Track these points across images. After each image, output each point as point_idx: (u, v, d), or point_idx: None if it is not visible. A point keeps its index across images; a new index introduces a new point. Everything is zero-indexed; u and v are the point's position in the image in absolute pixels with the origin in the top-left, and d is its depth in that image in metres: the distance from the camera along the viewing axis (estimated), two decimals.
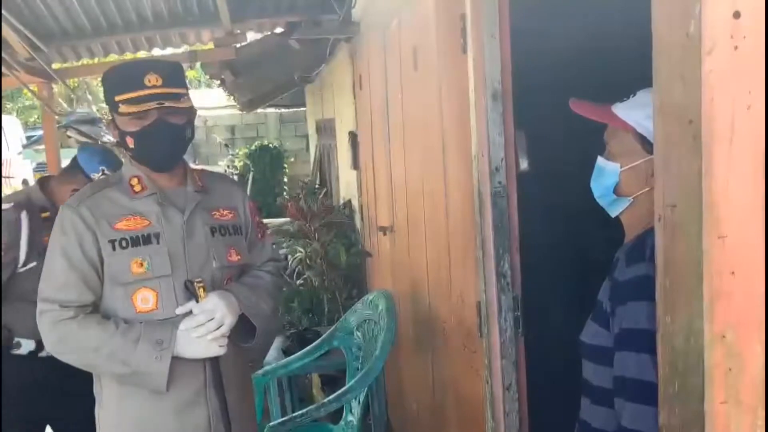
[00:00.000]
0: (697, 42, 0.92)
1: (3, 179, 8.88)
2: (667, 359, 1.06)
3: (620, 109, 1.36)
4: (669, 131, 1.01)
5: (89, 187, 1.89)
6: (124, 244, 1.74)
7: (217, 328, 1.75)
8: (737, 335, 0.95)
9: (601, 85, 1.98)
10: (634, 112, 1.33)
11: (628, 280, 1.27)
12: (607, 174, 1.37)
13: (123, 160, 2.41)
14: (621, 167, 1.35)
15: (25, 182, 10.91)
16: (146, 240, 1.76)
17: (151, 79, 1.71)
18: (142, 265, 1.74)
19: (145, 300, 1.75)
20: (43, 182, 2.56)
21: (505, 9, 1.89)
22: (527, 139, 1.97)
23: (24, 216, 2.38)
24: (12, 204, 2.42)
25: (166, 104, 1.72)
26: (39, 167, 12.90)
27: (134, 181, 1.82)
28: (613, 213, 1.40)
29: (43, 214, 2.43)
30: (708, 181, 0.93)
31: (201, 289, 1.76)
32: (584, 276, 1.52)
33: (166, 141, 1.77)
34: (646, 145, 1.31)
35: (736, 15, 0.90)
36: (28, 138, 13.86)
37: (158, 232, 1.78)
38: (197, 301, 1.76)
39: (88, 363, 1.77)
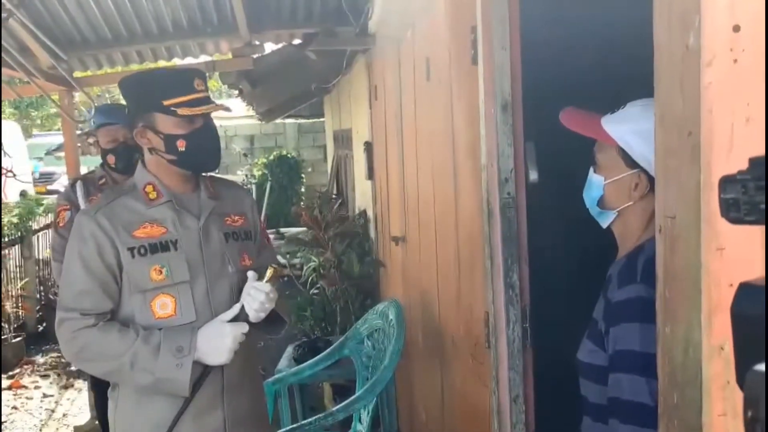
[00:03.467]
0: (697, 54, 0.92)
1: (4, 179, 8.71)
2: (666, 371, 1.06)
3: (608, 123, 1.37)
4: (669, 142, 1.02)
5: (104, 196, 1.92)
6: (143, 251, 1.76)
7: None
8: None
9: (612, 95, 1.98)
10: (620, 126, 1.34)
11: (621, 301, 1.27)
12: (594, 186, 1.39)
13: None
14: (605, 180, 1.37)
15: (23, 194, 10.06)
16: (164, 247, 1.78)
17: (199, 83, 1.79)
18: (161, 272, 1.76)
19: (163, 306, 1.77)
20: (102, 158, 3.23)
21: (515, 20, 1.90)
22: (537, 151, 1.97)
23: (79, 183, 3.17)
24: (73, 178, 3.30)
25: (220, 105, 1.84)
26: (42, 178, 12.83)
27: (149, 188, 1.84)
28: (603, 224, 1.42)
29: (101, 182, 3.18)
30: (707, 193, 0.93)
31: (272, 271, 1.81)
32: (594, 288, 1.52)
33: (216, 141, 1.87)
34: (628, 159, 1.33)
35: (736, 28, 0.90)
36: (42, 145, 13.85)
37: (175, 238, 1.80)
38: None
39: (110, 371, 1.79)
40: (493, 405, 2.05)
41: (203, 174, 1.97)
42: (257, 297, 1.78)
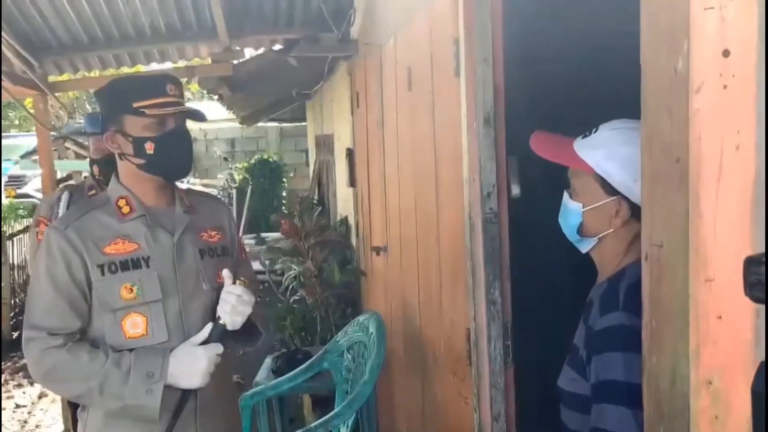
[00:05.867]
0: (686, 79, 0.89)
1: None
2: (652, 402, 1.03)
3: (581, 147, 1.32)
4: (656, 168, 0.99)
5: (75, 209, 1.85)
6: (113, 268, 1.70)
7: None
8: (723, 381, 0.92)
9: (595, 110, 1.96)
10: (594, 152, 1.30)
11: (603, 330, 1.24)
12: (570, 213, 1.35)
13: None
14: (583, 207, 1.32)
15: None
16: (135, 264, 1.72)
17: (171, 87, 1.75)
18: (132, 290, 1.70)
19: (134, 325, 1.70)
20: (92, 168, 3.07)
21: (498, 34, 1.88)
22: (519, 165, 1.94)
23: (65, 195, 2.91)
24: (61, 187, 3.11)
25: (193, 109, 1.78)
26: (11, 180, 12.44)
27: (122, 202, 1.78)
28: (583, 249, 1.37)
29: (90, 193, 2.93)
30: (695, 222, 0.90)
31: (243, 284, 1.78)
32: (577, 305, 1.49)
33: (187, 146, 1.80)
34: (607, 186, 1.28)
35: (726, 53, 0.88)
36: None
37: (147, 255, 1.74)
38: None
39: (78, 395, 1.72)
40: (474, 422, 2.02)
41: (179, 186, 1.92)
42: (228, 299, 1.74)
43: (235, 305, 1.74)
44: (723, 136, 0.89)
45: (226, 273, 1.78)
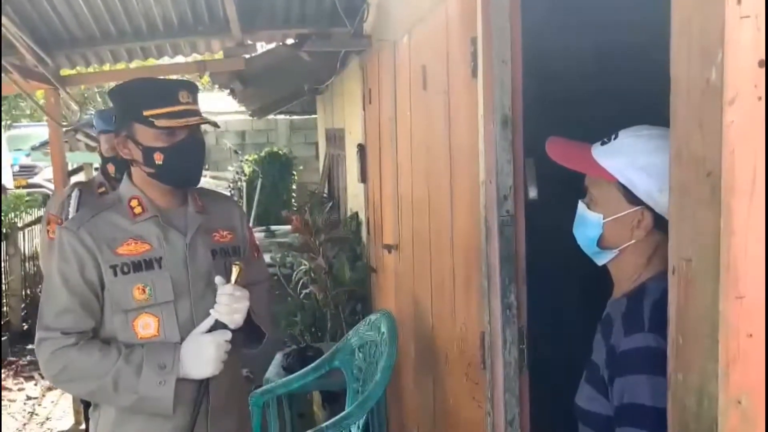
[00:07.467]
0: (719, 90, 0.86)
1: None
2: (677, 420, 1.00)
3: (601, 155, 1.26)
4: (685, 181, 0.96)
5: (87, 210, 1.85)
6: (125, 269, 1.70)
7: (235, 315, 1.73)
8: (753, 401, 0.89)
9: (613, 110, 1.93)
10: (616, 160, 1.23)
11: (627, 351, 1.18)
12: (589, 224, 1.28)
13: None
14: (604, 218, 1.26)
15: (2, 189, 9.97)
16: (148, 265, 1.71)
17: (184, 95, 1.72)
18: (144, 291, 1.70)
19: (146, 326, 1.71)
20: (102, 165, 3.06)
21: (517, 33, 1.84)
22: (537, 167, 1.91)
23: (75, 193, 2.88)
24: (72, 184, 3.12)
25: (206, 119, 1.74)
26: (22, 170, 12.46)
27: (134, 202, 1.77)
28: (600, 262, 1.31)
29: (99, 190, 2.90)
30: (727, 238, 0.87)
31: (237, 270, 1.73)
32: (593, 310, 1.46)
33: (197, 157, 1.78)
34: (630, 196, 1.22)
35: (761, 64, 0.85)
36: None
37: (160, 256, 1.73)
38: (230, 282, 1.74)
39: (92, 391, 1.72)
40: (487, 427, 2.00)
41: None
42: (220, 300, 1.72)
43: (228, 304, 1.72)
44: (757, 151, 0.86)
45: (218, 280, 1.75)
